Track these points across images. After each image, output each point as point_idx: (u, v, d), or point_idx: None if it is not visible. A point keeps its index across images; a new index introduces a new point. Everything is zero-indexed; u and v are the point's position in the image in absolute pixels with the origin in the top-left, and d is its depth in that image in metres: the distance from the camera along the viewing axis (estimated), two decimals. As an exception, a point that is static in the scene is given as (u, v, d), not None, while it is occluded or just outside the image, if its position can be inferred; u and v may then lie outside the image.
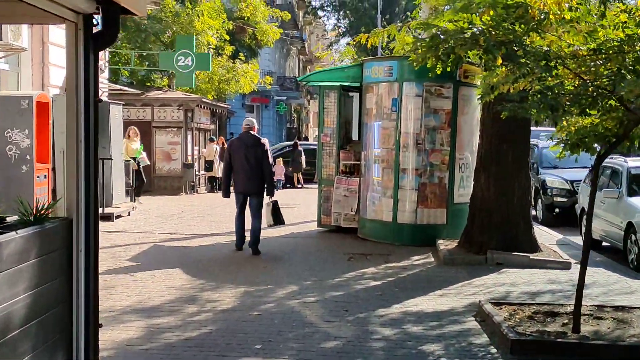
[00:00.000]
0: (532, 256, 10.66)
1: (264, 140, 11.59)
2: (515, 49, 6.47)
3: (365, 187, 13.29)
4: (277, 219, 11.93)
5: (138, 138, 18.08)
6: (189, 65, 17.86)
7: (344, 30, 58.62)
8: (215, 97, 28.18)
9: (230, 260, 10.74)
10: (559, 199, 16.31)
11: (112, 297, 8.22)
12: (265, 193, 11.51)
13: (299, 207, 19.01)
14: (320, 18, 73.58)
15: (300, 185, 26.56)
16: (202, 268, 10.02)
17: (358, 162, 13.73)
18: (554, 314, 7.40)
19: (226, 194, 11.92)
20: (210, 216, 16.40)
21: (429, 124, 12.37)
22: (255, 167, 11.23)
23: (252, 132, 11.47)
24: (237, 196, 11.63)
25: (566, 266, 10.47)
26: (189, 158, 23.50)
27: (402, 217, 12.50)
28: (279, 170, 24.14)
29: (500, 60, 7.01)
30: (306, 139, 64.93)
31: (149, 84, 25.98)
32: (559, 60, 6.29)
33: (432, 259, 11.09)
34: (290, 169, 26.89)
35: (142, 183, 18.77)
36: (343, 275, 9.74)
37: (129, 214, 15.82)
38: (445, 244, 11.66)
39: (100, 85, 16.50)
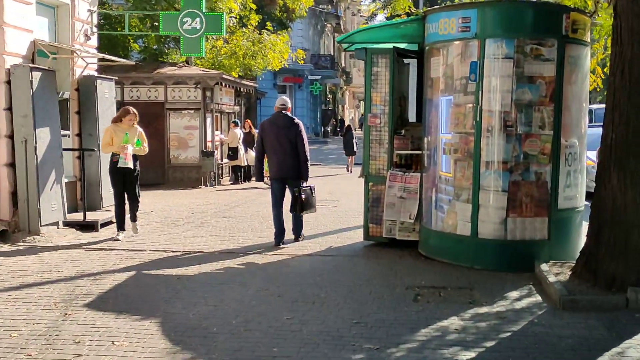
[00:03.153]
0: (697, 296, 7.01)
1: (298, 121, 10.58)
2: None
3: (430, 187, 9.71)
4: (308, 206, 10.58)
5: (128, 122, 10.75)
6: (197, 28, 14.30)
7: (383, 4, 54.78)
8: (241, 74, 24.71)
9: (238, 303, 7.20)
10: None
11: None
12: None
13: (338, 203, 15.47)
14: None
15: (350, 172, 24.99)
16: (193, 322, 6.50)
17: (418, 152, 10.14)
18: None
19: (259, 178, 11.14)
20: (225, 220, 12.91)
21: (522, 98, 8.73)
22: (289, 150, 10.31)
23: (284, 112, 10.51)
24: (272, 183, 10.61)
25: None
26: (209, 145, 20.10)
27: (485, 230, 8.89)
28: None
29: None
30: (342, 121, 61.35)
31: (162, 59, 22.56)
32: None
33: (539, 298, 7.47)
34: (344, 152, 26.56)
35: (134, 201, 11.08)
36: (413, 336, 6.16)
37: (122, 220, 12.40)
38: (553, 272, 8.03)
39: (85, 55, 13.13)
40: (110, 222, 11.83)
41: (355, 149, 26.12)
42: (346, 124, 33.72)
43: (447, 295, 7.61)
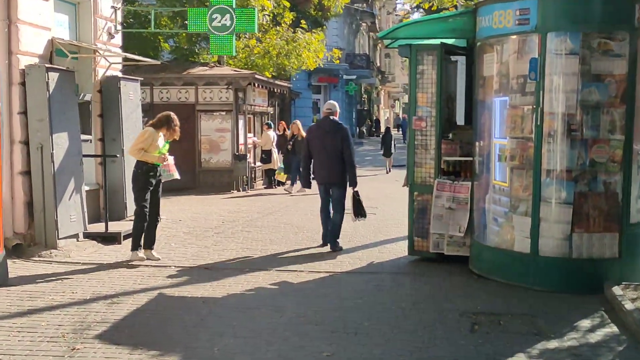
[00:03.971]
0: None
1: (345, 126, 10.47)
2: None
3: (482, 197, 8.78)
4: (359, 212, 10.45)
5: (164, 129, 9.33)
6: (227, 25, 13.39)
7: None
8: (274, 74, 23.88)
9: (270, 334, 6.32)
10: None
11: None
12: (347, 184, 10.35)
13: (377, 210, 14.48)
14: (392, -10, 68.78)
15: (389, 172, 25.46)
16: (218, 360, 5.67)
17: (468, 158, 9.21)
18: None
19: (307, 184, 10.95)
20: (257, 230, 12.05)
21: (589, 99, 7.76)
22: (335, 155, 10.18)
23: (332, 117, 10.40)
24: (319, 187, 10.59)
25: None
26: (241, 148, 19.29)
27: (547, 247, 7.92)
28: None
29: None
30: (377, 121, 60.29)
31: (193, 58, 21.80)
32: None
33: (615, 328, 6.49)
34: (381, 153, 26.73)
35: (156, 219, 9.63)
36: (474, 381, 5.26)
37: (147, 230, 11.60)
38: (629, 297, 7.06)
39: (107, 54, 12.35)
40: (134, 233, 11.02)
41: (392, 150, 26.05)
42: (385, 125, 34.62)
43: (507, 323, 6.66)
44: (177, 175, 9.34)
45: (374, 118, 61.68)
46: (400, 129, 55.81)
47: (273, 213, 14.41)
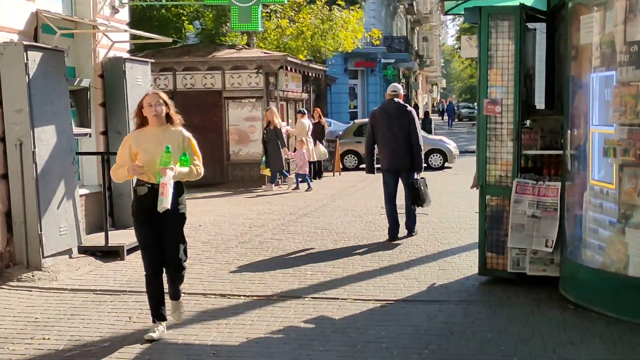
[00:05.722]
0: None
1: (411, 108, 10.05)
2: None
3: (577, 201, 6.77)
4: (416, 200, 9.93)
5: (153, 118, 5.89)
6: (251, -4, 11.57)
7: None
8: (309, 57, 21.98)
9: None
10: None
11: None
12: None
13: (429, 210, 12.36)
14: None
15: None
16: None
17: (556, 152, 7.22)
18: None
19: (370, 170, 10.42)
20: (290, 238, 10.14)
21: None
22: (402, 139, 9.72)
23: (396, 100, 9.96)
24: (384, 175, 10.04)
25: None
26: (273, 138, 17.39)
27: (676, 273, 5.91)
28: (299, 158, 16.76)
29: None
30: (416, 107, 58.12)
31: (219, 41, 19.97)
32: None
33: None
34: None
35: (176, 266, 6.07)
36: None
37: (158, 240, 9.75)
38: None
39: (109, 32, 10.38)
40: (142, 245, 9.14)
41: (432, 133, 26.57)
42: (424, 110, 34.73)
43: (640, 391, 4.68)
44: (166, 204, 5.52)
45: (413, 103, 59.53)
46: (446, 114, 54.06)
47: (308, 214, 12.49)
